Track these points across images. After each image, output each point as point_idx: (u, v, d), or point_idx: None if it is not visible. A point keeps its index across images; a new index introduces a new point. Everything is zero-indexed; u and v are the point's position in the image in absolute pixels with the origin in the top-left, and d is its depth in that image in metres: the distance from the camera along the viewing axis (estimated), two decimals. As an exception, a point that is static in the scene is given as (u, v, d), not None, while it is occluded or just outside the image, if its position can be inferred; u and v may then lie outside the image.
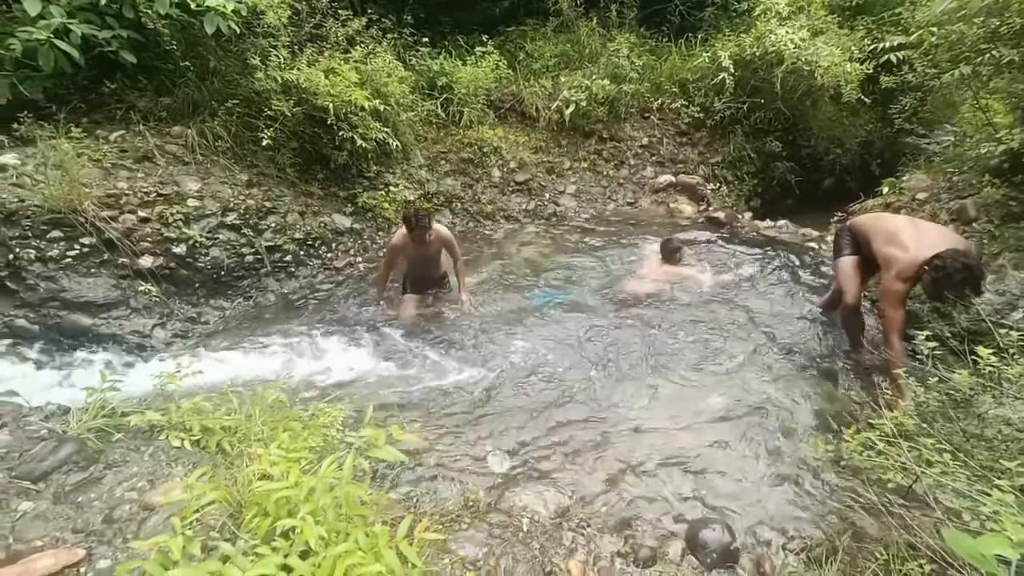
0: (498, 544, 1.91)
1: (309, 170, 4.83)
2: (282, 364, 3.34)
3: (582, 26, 6.69)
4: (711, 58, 6.28)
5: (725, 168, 6.68)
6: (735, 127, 6.60)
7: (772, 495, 2.24)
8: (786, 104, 6.27)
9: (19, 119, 3.58)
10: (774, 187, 6.98)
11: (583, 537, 2.04)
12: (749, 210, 6.50)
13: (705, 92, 6.48)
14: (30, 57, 3.43)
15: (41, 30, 3.36)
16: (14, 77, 3.51)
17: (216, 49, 4.29)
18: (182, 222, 3.73)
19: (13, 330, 3.16)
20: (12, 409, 2.09)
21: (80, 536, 1.51)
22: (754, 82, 6.24)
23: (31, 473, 1.71)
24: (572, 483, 2.31)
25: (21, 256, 3.22)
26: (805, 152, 6.98)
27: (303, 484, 1.41)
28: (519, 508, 2.14)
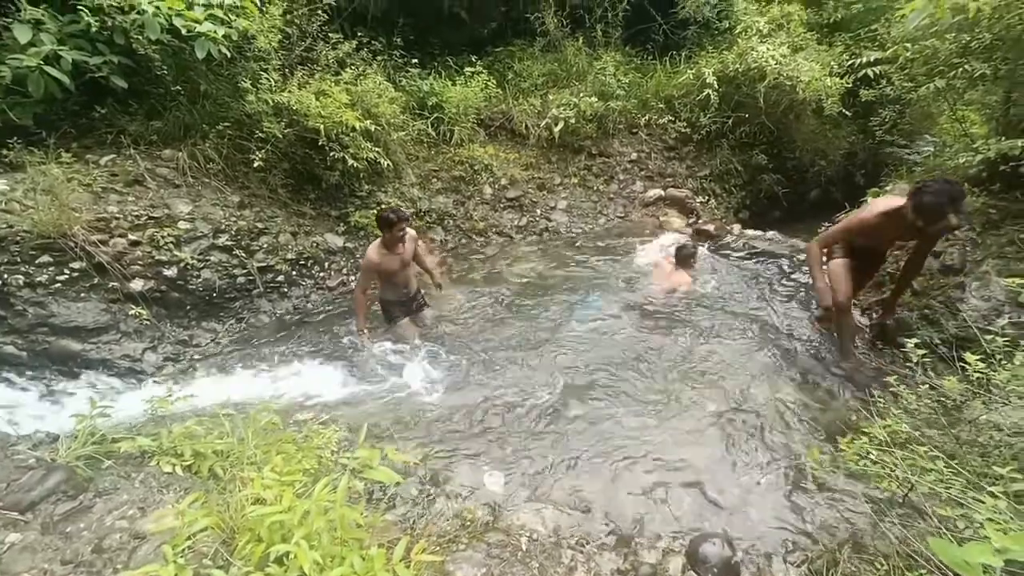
0: (497, 564, 1.89)
1: (301, 190, 4.85)
2: (275, 385, 3.31)
3: (568, 46, 6.84)
4: (695, 75, 6.43)
5: (713, 181, 6.79)
6: (721, 141, 6.73)
7: (771, 507, 2.24)
8: (770, 118, 6.42)
9: (8, 145, 3.57)
10: (762, 199, 7.10)
11: (582, 555, 2.02)
12: (738, 222, 6.59)
13: (691, 108, 6.63)
14: (20, 84, 3.45)
15: (31, 57, 3.38)
16: (3, 104, 3.52)
17: (207, 73, 4.33)
18: (173, 245, 3.72)
19: (1, 356, 3.11)
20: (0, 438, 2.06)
21: (69, 567, 1.48)
22: (738, 97, 6.39)
23: (19, 503, 1.67)
24: (570, 500, 2.30)
25: (9, 282, 3.19)
26: (791, 164, 7.12)
27: (297, 508, 1.39)
28: (517, 527, 2.11)
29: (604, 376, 3.28)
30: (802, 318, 3.85)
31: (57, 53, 3.47)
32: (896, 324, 3.34)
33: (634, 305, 4.19)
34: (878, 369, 3.16)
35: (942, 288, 3.25)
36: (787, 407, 2.88)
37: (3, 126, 3.54)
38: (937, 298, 3.23)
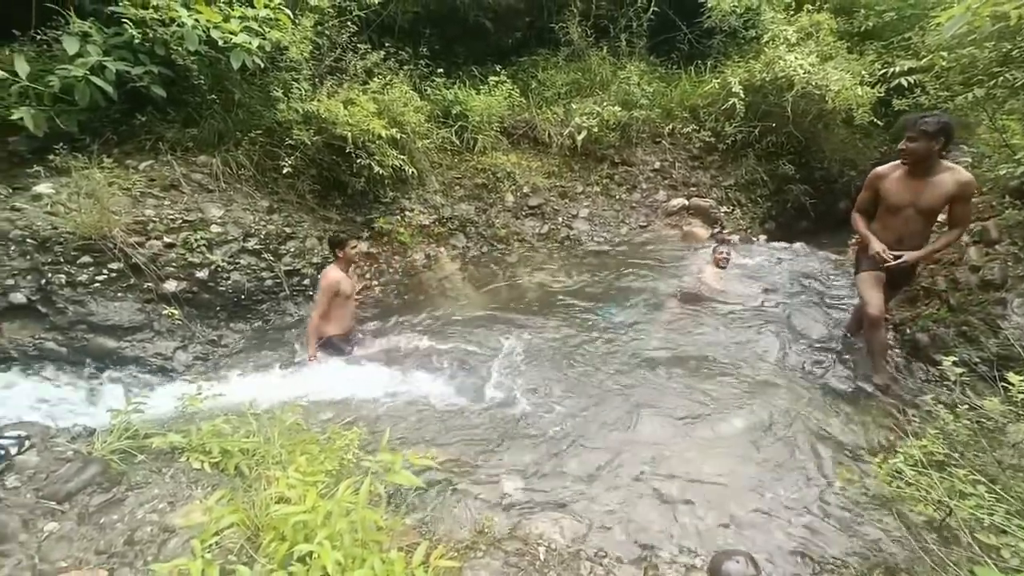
0: (514, 573, 1.88)
1: (327, 196, 4.95)
2: (299, 386, 3.36)
3: (593, 55, 6.86)
4: (721, 84, 6.37)
5: (738, 191, 6.70)
6: (747, 151, 6.64)
7: (798, 526, 2.17)
8: (798, 127, 6.30)
9: (55, 150, 3.75)
10: (789, 209, 6.97)
11: (601, 568, 1.99)
12: (763, 232, 6.48)
13: (716, 117, 6.56)
14: (67, 92, 3.63)
15: (79, 67, 3.56)
16: (52, 111, 3.70)
17: (241, 83, 4.48)
18: (205, 247, 3.84)
19: (43, 352, 3.25)
20: (40, 430, 2.14)
21: (103, 557, 1.53)
22: (765, 106, 6.30)
23: (57, 494, 1.74)
24: (589, 511, 2.27)
25: (52, 281, 3.34)
26: (819, 174, 6.98)
27: (320, 508, 1.41)
28: (535, 536, 2.10)
29: (625, 386, 3.25)
30: (831, 332, 3.74)
31: (102, 64, 3.64)
32: (931, 340, 3.23)
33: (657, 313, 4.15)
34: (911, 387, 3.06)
35: (981, 304, 3.13)
36: (815, 423, 2.80)
37: (51, 132, 3.71)
38: (976, 314, 3.10)
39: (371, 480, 1.50)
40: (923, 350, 3.25)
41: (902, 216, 2.98)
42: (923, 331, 3.33)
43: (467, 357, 3.67)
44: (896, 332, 3.59)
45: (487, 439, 2.79)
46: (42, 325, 3.33)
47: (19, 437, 1.96)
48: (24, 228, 3.40)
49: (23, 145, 4.00)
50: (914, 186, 2.90)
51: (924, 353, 3.23)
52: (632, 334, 3.91)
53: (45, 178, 3.70)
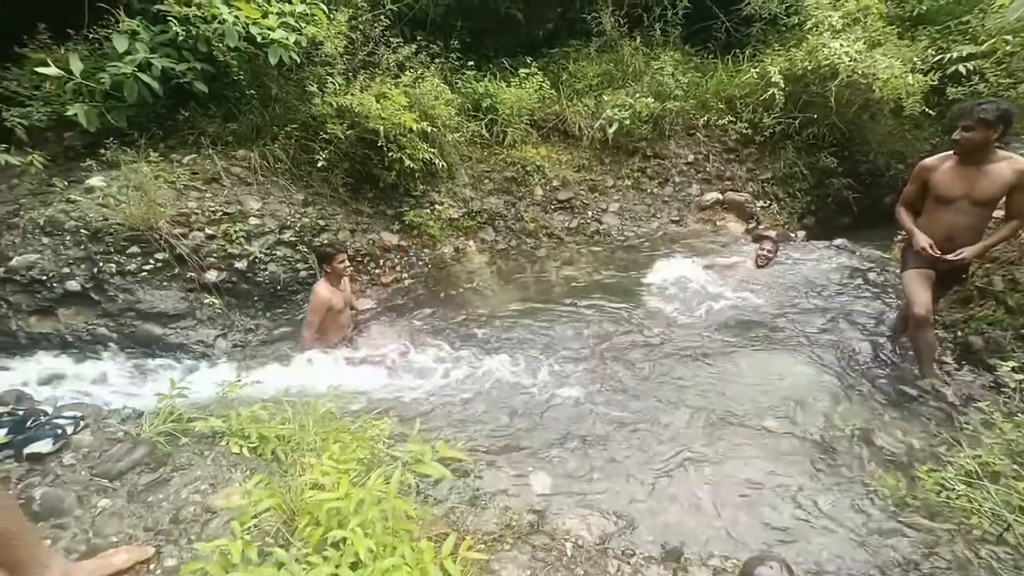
0: (541, 567, 1.88)
1: (359, 189, 5.03)
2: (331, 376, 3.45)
3: (625, 45, 6.71)
4: (760, 73, 6.14)
5: (776, 185, 6.47)
6: (786, 143, 6.40)
7: (836, 534, 2.10)
8: (841, 118, 6.03)
9: (106, 145, 3.94)
10: (829, 204, 6.69)
11: (629, 566, 1.97)
12: (802, 228, 6.25)
13: (753, 108, 6.34)
14: (117, 89, 3.79)
15: (127, 65, 3.71)
16: (103, 107, 3.88)
17: (278, 78, 4.59)
18: (244, 239, 3.96)
19: (95, 337, 3.44)
20: (94, 411, 2.26)
21: (150, 534, 1.61)
22: (806, 97, 6.05)
23: (109, 472, 1.84)
24: (617, 508, 2.25)
25: (104, 270, 3.52)
26: (863, 167, 6.66)
27: (352, 496, 1.44)
28: (562, 531, 2.10)
29: (656, 383, 3.20)
30: (874, 332, 3.59)
31: (149, 61, 3.79)
32: (985, 344, 3.05)
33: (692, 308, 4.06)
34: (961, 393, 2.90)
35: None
36: (857, 427, 2.69)
37: (102, 128, 3.90)
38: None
39: (402, 470, 1.52)
40: (976, 354, 3.08)
41: (953, 209, 2.82)
42: (977, 333, 3.16)
43: (495, 350, 3.69)
44: (946, 333, 3.41)
45: (515, 433, 2.80)
46: (95, 312, 3.52)
47: (75, 417, 2.08)
48: (78, 219, 3.59)
49: (77, 140, 4.21)
50: (968, 176, 2.73)
51: (977, 357, 3.06)
52: (663, 329, 3.84)
53: (97, 171, 3.89)
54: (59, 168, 4.00)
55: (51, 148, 4.08)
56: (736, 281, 4.52)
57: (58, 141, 4.23)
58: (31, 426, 1.97)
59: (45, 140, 4.09)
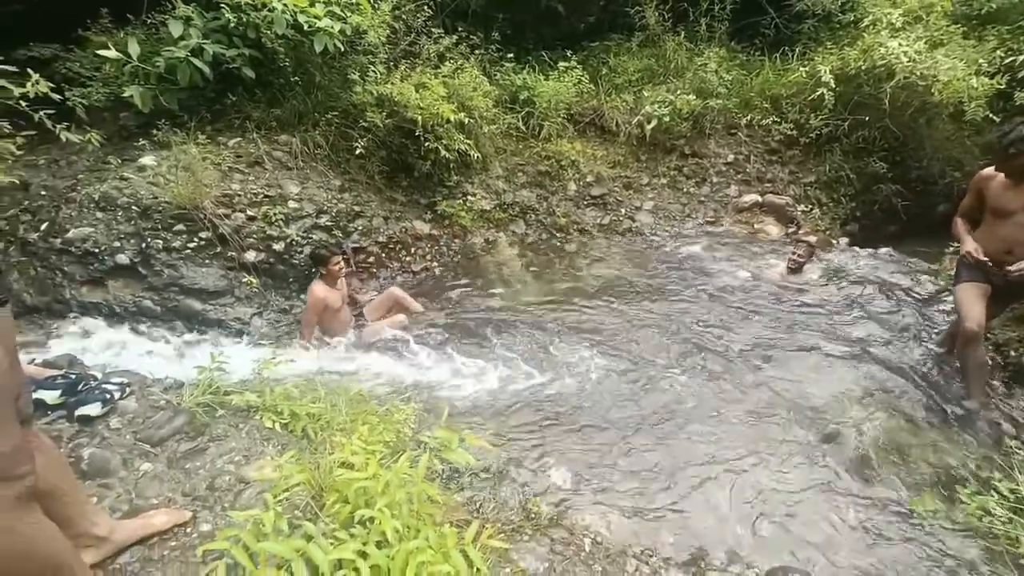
0: (559, 561, 1.88)
1: (394, 178, 5.10)
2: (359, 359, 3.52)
3: (668, 40, 6.56)
4: (809, 73, 5.90)
5: (819, 189, 6.23)
6: (832, 145, 6.14)
7: (866, 551, 2.03)
8: (895, 121, 5.75)
9: (158, 126, 4.11)
10: (876, 211, 6.41)
11: (648, 567, 1.96)
12: (845, 235, 6.01)
13: (800, 108, 6.10)
14: (170, 72, 3.94)
15: (181, 49, 3.85)
16: (157, 90, 4.04)
17: (322, 66, 4.68)
18: (282, 222, 4.07)
19: (141, 309, 3.61)
20: (139, 379, 2.38)
21: (188, 499, 1.68)
22: (858, 98, 5.79)
23: (151, 438, 1.93)
24: (638, 509, 2.23)
25: (152, 246, 3.68)
26: (915, 174, 6.34)
27: (381, 477, 1.48)
28: (582, 527, 2.09)
29: (685, 384, 3.14)
30: (919, 347, 3.43)
31: (201, 46, 3.92)
32: None
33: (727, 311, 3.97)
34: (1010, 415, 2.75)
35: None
36: (894, 444, 2.58)
37: (155, 109, 4.07)
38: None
39: (429, 456, 1.54)
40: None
41: (1011, 222, 2.66)
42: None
43: (522, 343, 3.69)
44: (997, 353, 3.23)
45: (539, 425, 2.80)
46: (141, 285, 3.69)
47: (122, 384, 2.20)
48: (130, 196, 3.76)
49: (131, 120, 4.41)
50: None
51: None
52: (694, 332, 3.76)
53: (149, 151, 4.06)
54: (114, 147, 4.20)
55: (107, 127, 4.29)
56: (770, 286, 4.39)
57: (114, 121, 4.44)
58: (82, 389, 2.09)
59: (102, 120, 4.29)
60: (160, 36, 4.25)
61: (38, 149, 4.15)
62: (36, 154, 4.17)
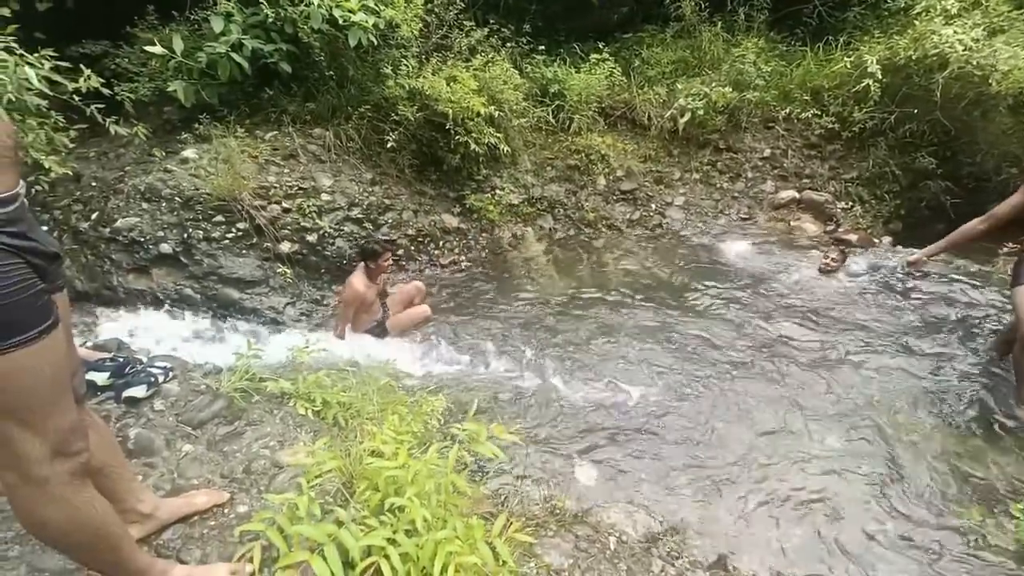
0: (584, 558, 1.88)
1: (424, 171, 5.14)
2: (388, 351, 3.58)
3: (705, 31, 6.38)
4: (854, 63, 5.64)
5: (861, 185, 5.97)
6: (877, 140, 5.87)
7: (905, 565, 1.95)
8: (946, 114, 5.44)
9: (199, 120, 4.25)
10: (922, 209, 6.09)
11: (674, 568, 1.93)
12: (888, 234, 5.75)
13: (843, 101, 5.84)
14: (211, 67, 4.07)
15: (222, 45, 3.96)
16: (199, 84, 4.17)
17: (355, 60, 4.74)
18: (316, 214, 4.17)
19: (182, 297, 3.76)
20: (180, 364, 2.49)
21: (226, 481, 1.75)
22: (906, 89, 5.50)
23: (192, 420, 2.01)
24: (665, 509, 2.20)
25: (193, 235, 3.82)
26: (967, 170, 6.00)
27: (410, 467, 1.50)
28: (607, 525, 2.08)
29: (715, 385, 3.08)
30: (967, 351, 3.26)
31: (241, 41, 4.03)
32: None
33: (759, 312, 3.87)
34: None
35: None
36: (939, 452, 2.47)
37: (196, 103, 4.21)
38: None
39: (459, 447, 1.56)
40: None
41: None
42: (1094, 364, 2.79)
43: (548, 339, 3.68)
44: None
45: (565, 422, 2.80)
46: (183, 274, 3.84)
47: (165, 368, 2.29)
48: (173, 188, 3.91)
49: (175, 114, 4.58)
50: None
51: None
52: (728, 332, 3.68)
53: (191, 144, 4.21)
54: (158, 140, 4.36)
55: (152, 121, 4.46)
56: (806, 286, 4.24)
57: (158, 115, 4.61)
58: (129, 372, 2.19)
59: (148, 114, 4.46)
60: (202, 32, 4.38)
61: (89, 142, 4.36)
62: (87, 147, 4.37)
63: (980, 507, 2.05)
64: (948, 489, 2.29)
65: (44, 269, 0.99)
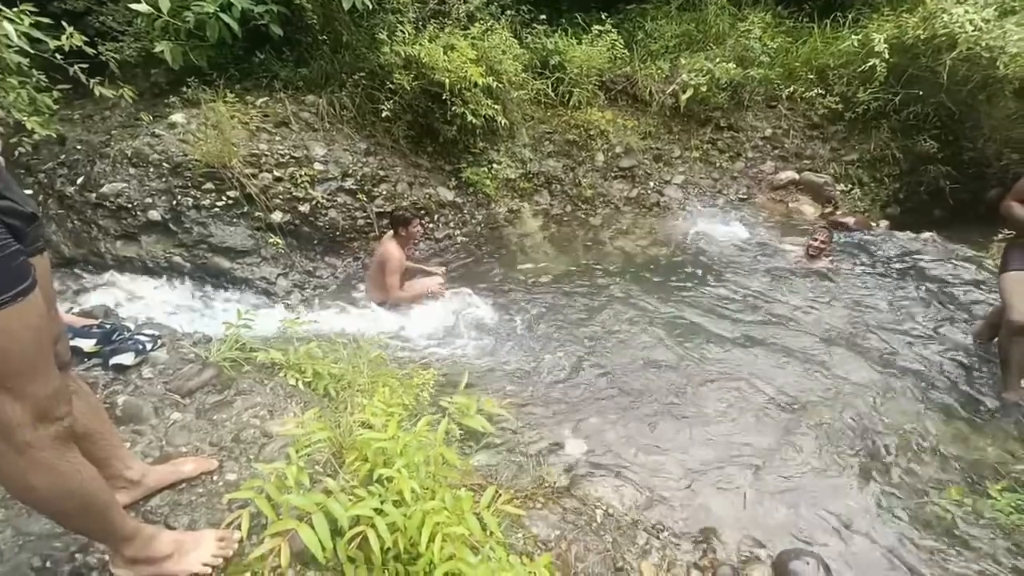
0: (571, 530, 1.91)
1: (420, 143, 5.04)
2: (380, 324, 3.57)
3: (710, 4, 6.21)
4: (861, 41, 5.53)
5: (861, 168, 5.93)
6: (880, 122, 5.80)
7: (883, 540, 2.00)
8: (951, 97, 5.37)
9: (187, 83, 4.11)
10: (921, 193, 6.08)
11: (658, 541, 1.97)
12: (885, 217, 5.74)
13: (848, 80, 5.75)
14: (199, 28, 3.91)
15: (211, 4, 3.80)
16: (187, 46, 4.02)
17: (349, 24, 4.58)
18: (308, 184, 4.09)
19: (172, 265, 3.71)
20: (170, 332, 2.46)
21: (214, 449, 1.75)
22: (913, 70, 5.41)
23: (181, 389, 2.00)
24: (652, 484, 2.24)
25: (182, 203, 3.75)
26: (968, 155, 5.97)
27: (400, 438, 1.50)
28: (594, 498, 2.11)
29: (706, 365, 3.10)
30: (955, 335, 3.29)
31: (230, 1, 3.86)
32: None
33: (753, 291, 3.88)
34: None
35: None
36: (921, 433, 2.52)
37: (185, 66, 4.06)
38: None
39: (448, 420, 1.56)
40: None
41: None
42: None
43: (541, 314, 3.68)
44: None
45: (555, 397, 2.82)
46: (172, 241, 3.78)
47: (154, 336, 2.27)
48: (161, 153, 3.81)
49: (162, 77, 4.42)
50: None
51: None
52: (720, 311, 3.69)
53: (179, 108, 4.08)
54: (145, 103, 4.23)
55: (139, 84, 4.31)
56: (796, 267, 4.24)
57: (145, 77, 4.46)
58: (117, 339, 2.16)
59: (134, 76, 4.31)
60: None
61: (74, 104, 4.22)
62: (72, 109, 4.24)
63: (959, 487, 2.09)
64: (931, 469, 2.34)
65: (21, 230, 0.95)
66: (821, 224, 4.90)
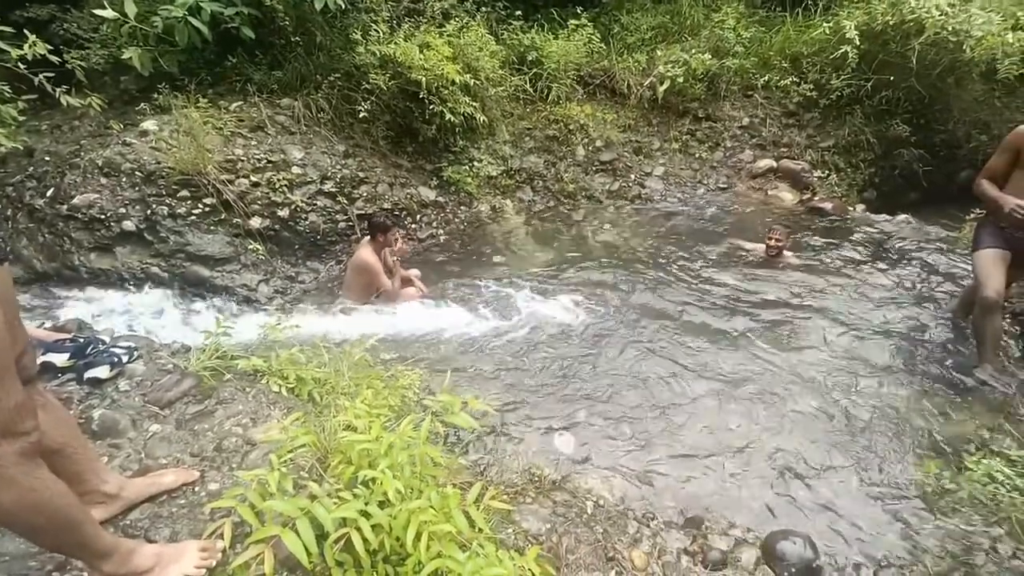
0: (561, 522, 1.92)
1: (399, 143, 5.00)
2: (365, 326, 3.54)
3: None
4: (833, 29, 5.61)
5: (837, 154, 6.02)
6: (854, 108, 5.90)
7: (867, 515, 2.04)
8: (921, 82, 5.48)
9: (158, 90, 4.03)
10: (896, 177, 6.20)
11: (648, 529, 1.99)
12: (862, 202, 5.85)
13: (821, 68, 5.83)
14: (168, 33, 3.84)
15: (178, 8, 3.73)
16: (156, 51, 3.94)
17: (323, 25, 4.52)
18: (287, 188, 4.03)
19: (148, 276, 3.63)
20: (147, 343, 2.41)
21: (196, 460, 1.72)
22: (883, 56, 5.50)
23: (159, 400, 1.96)
24: (640, 473, 2.25)
25: (157, 212, 3.67)
26: (939, 138, 6.09)
27: (384, 440, 1.48)
28: (584, 490, 2.12)
29: (691, 352, 3.13)
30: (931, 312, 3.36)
31: (199, 5, 3.79)
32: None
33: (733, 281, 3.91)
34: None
35: None
36: (900, 411, 2.57)
37: (155, 72, 3.98)
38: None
39: (431, 419, 1.55)
40: (1047, 345, 2.85)
41: None
42: (1050, 324, 2.91)
43: (527, 311, 3.68)
44: (1014, 321, 3.15)
45: (543, 391, 2.82)
46: (148, 251, 3.70)
47: (129, 348, 2.22)
48: (133, 162, 3.73)
49: (132, 84, 4.34)
50: None
51: (1048, 348, 2.83)
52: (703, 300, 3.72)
53: (150, 115, 4.00)
54: (115, 111, 4.14)
55: (108, 91, 4.23)
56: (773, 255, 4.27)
57: (114, 84, 4.37)
58: (91, 353, 2.11)
59: (103, 83, 4.22)
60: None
61: (41, 114, 4.12)
62: (39, 119, 4.14)
63: (938, 461, 2.14)
64: (911, 445, 2.39)
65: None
66: (775, 223, 4.90)
